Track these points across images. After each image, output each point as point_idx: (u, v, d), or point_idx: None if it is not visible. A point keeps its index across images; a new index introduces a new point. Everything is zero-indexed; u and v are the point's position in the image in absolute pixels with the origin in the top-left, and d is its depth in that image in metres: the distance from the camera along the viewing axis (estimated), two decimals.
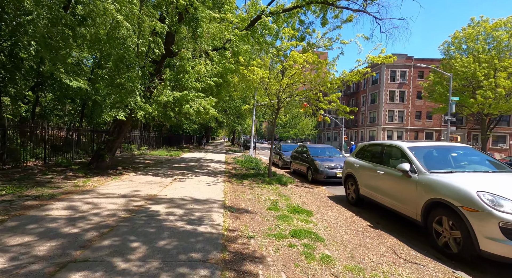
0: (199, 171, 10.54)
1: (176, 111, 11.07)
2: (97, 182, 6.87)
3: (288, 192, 7.44)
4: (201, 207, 5.05)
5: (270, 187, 7.94)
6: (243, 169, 12.40)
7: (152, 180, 7.74)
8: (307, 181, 10.11)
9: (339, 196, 7.55)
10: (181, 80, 8.38)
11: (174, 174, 9.24)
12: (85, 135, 13.22)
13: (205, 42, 8.99)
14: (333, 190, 8.67)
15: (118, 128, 9.05)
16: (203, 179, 8.52)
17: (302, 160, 11.04)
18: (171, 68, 8.76)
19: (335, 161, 9.92)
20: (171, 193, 6.13)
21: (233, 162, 16.07)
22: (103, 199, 5.16)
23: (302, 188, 8.36)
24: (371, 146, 6.25)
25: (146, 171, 9.60)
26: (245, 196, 6.53)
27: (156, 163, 12.50)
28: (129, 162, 11.91)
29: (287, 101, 9.46)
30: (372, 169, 5.63)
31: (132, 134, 18.36)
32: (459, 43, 25.17)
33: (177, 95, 7.92)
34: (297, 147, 13.20)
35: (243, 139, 38.03)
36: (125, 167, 9.96)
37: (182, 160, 15.31)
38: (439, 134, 39.77)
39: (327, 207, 6.08)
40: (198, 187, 7.10)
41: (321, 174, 9.34)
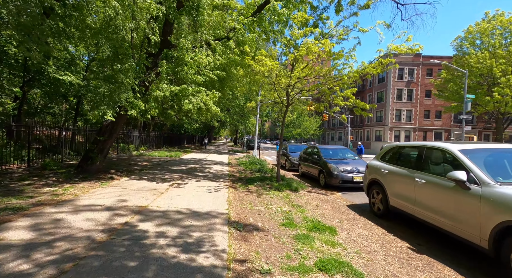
0: (200, 174, 9.61)
1: (176, 109, 10.15)
2: (81, 189, 5.96)
3: (301, 200, 6.48)
4: (201, 224, 4.11)
5: (280, 194, 6.99)
6: (247, 172, 11.46)
7: (146, 186, 6.82)
8: (319, 186, 9.14)
9: (360, 205, 6.57)
10: (179, 73, 7.46)
11: (172, 178, 8.32)
12: (80, 135, 12.38)
13: (207, 32, 8.05)
14: (350, 196, 7.69)
15: (110, 127, 8.15)
16: (204, 184, 7.59)
17: (313, 162, 10.07)
18: (169, 61, 7.84)
19: (351, 163, 8.93)
20: (166, 203, 5.19)
21: (236, 163, 15.14)
22: (81, 213, 4.24)
23: (315, 195, 7.40)
24: (404, 148, 5.26)
25: (141, 174, 8.69)
26: (253, 206, 5.58)
27: (154, 165, 11.59)
28: (124, 164, 11.01)
29: (298, 98, 8.49)
30: (407, 176, 4.65)
31: (130, 134, 17.51)
32: (473, 39, 23.98)
33: (175, 89, 7.00)
34: (306, 148, 12.22)
35: (246, 139, 37.10)
36: (119, 170, 9.06)
37: (182, 161, 14.41)
38: (449, 134, 38.49)
39: (351, 220, 5.11)
40: (198, 194, 6.16)
41: (336, 178, 8.37)
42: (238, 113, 26.15)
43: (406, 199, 4.62)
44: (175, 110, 10.49)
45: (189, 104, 7.02)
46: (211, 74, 7.57)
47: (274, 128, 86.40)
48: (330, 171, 8.57)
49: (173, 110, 10.29)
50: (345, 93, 8.32)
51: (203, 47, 7.76)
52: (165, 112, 10.41)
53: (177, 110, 10.12)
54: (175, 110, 10.49)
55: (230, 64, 7.66)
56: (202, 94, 6.97)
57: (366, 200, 7.20)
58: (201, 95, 7.02)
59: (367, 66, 7.46)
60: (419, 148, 4.70)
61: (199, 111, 7.69)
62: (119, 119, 8.31)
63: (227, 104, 24.63)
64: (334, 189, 8.55)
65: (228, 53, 7.58)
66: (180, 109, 9.59)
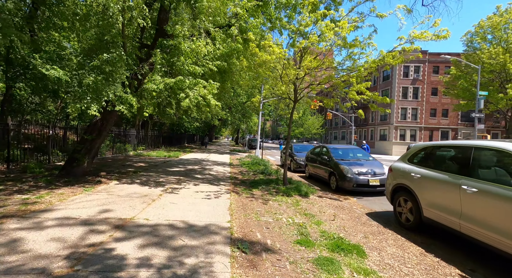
0: (199, 177, 8.79)
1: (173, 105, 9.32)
2: (60, 196, 5.15)
3: (314, 208, 5.65)
4: (197, 243, 3.28)
5: (288, 200, 6.16)
6: (250, 173, 10.64)
7: (136, 191, 6.00)
8: (330, 189, 8.29)
9: (381, 214, 5.72)
10: (175, 65, 6.64)
11: (168, 182, 7.50)
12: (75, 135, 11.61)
13: (206, 19, 7.22)
14: (367, 202, 6.85)
15: (99, 125, 7.35)
16: (203, 189, 6.77)
17: (322, 163, 9.22)
18: (164, 50, 7.02)
19: (366, 165, 8.08)
20: (157, 214, 4.37)
21: (238, 163, 14.32)
22: (48, 230, 3.43)
23: (328, 201, 6.56)
24: (440, 148, 4.42)
25: (133, 177, 7.88)
26: (259, 216, 4.75)
27: (150, 166, 10.79)
28: (117, 165, 10.21)
29: (307, 92, 7.64)
30: (449, 183, 3.80)
31: (127, 133, 16.73)
32: (484, 33, 23.00)
33: (170, 82, 6.18)
34: (313, 148, 11.37)
35: (247, 138, 36.29)
36: (110, 172, 8.26)
37: (181, 162, 13.59)
38: (456, 133, 37.52)
39: (376, 234, 4.27)
40: (195, 202, 5.34)
41: (349, 181, 7.52)
42: (240, 112, 25.31)
43: (448, 211, 3.77)
44: (172, 108, 9.66)
45: (185, 98, 6.19)
46: (210, 65, 6.74)
47: (276, 127, 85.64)
48: (343, 173, 7.73)
49: (171, 107, 9.48)
50: (358, 87, 7.48)
51: (202, 36, 6.93)
52: (162, 109, 9.60)
53: (175, 107, 9.31)
54: (172, 108, 9.66)
55: (232, 54, 6.83)
56: (200, 87, 6.14)
57: (386, 207, 6.37)
58: (199, 88, 6.19)
59: (386, 56, 6.60)
60: (464, 148, 3.85)
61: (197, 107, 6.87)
62: (109, 116, 7.51)
63: (228, 102, 23.81)
64: (347, 193, 7.71)
65: (230, 41, 6.75)
66: (178, 106, 8.76)
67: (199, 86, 6.15)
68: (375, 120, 42.81)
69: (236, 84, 8.76)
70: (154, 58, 6.50)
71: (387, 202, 7.10)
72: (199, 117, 20.86)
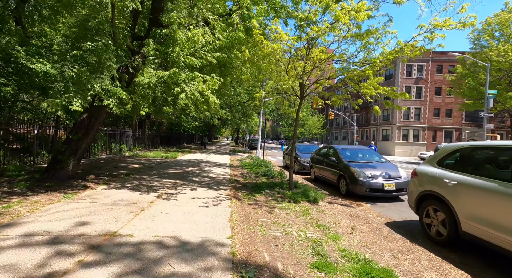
0: (196, 180, 8.09)
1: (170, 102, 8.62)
2: (33, 205, 4.45)
3: (326, 217, 4.96)
4: (190, 270, 2.59)
5: (296, 208, 5.47)
6: (252, 176, 9.95)
7: (125, 198, 5.30)
8: (339, 194, 7.61)
9: (402, 224, 5.03)
10: (170, 56, 5.95)
11: (162, 186, 6.81)
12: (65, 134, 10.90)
13: (204, 7, 6.53)
14: (382, 209, 6.16)
15: (86, 123, 6.66)
16: (200, 194, 6.07)
17: (330, 165, 8.53)
18: (158, 41, 6.33)
19: (379, 167, 7.39)
20: (144, 227, 3.68)
21: (239, 165, 13.63)
22: (1, 253, 2.73)
23: (340, 208, 5.87)
24: (481, 150, 3.72)
25: (125, 181, 7.18)
26: (265, 229, 4.06)
27: (145, 168, 10.09)
28: (110, 167, 9.51)
29: (315, 87, 6.97)
30: (497, 192, 3.12)
31: (123, 133, 16.03)
32: (491, 31, 22.34)
33: (163, 75, 5.48)
34: (319, 148, 10.69)
35: (248, 138, 35.62)
36: (100, 175, 7.56)
37: (178, 163, 12.89)
38: (460, 133, 36.86)
39: (405, 252, 3.58)
40: (191, 211, 4.64)
41: (362, 185, 6.83)
42: (240, 111, 24.60)
43: (496, 226, 3.09)
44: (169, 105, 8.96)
45: (181, 93, 5.50)
46: (209, 57, 6.04)
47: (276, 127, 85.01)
48: (354, 176, 7.04)
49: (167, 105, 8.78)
50: (372, 81, 6.81)
51: (200, 24, 6.25)
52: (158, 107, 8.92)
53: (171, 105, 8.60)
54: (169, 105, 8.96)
55: (233, 44, 6.14)
56: (198, 81, 5.44)
57: (405, 215, 5.70)
58: (197, 82, 5.50)
59: (404, 46, 5.90)
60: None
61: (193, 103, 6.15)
62: (98, 113, 6.82)
63: (228, 101, 23.12)
64: (359, 199, 7.02)
65: (231, 30, 6.06)
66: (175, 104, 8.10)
67: (197, 79, 5.45)
68: (377, 120, 42.15)
69: (237, 80, 8.05)
70: (146, 49, 5.81)
71: (405, 208, 6.43)
72: (197, 116, 20.17)
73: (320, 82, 7.33)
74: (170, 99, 7.84)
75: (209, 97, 5.58)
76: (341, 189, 7.64)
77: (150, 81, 5.54)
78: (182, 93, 5.52)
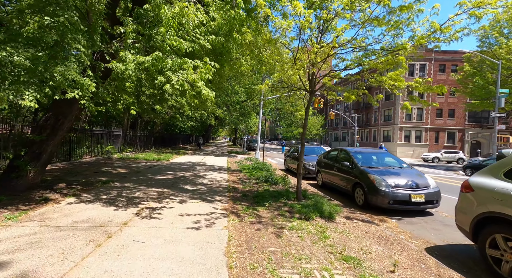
0: (188, 188, 6.95)
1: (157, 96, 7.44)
2: None
3: (351, 243, 3.85)
4: None
5: (310, 227, 4.36)
6: (252, 181, 8.82)
7: (92, 216, 4.14)
8: (355, 204, 6.53)
9: (447, 250, 3.94)
10: (154, 39, 4.81)
11: (146, 198, 5.65)
12: None
13: None
14: (411, 226, 5.07)
15: (52, 121, 5.49)
16: (190, 210, 4.93)
17: (342, 170, 7.44)
18: (140, 22, 5.19)
19: (403, 174, 6.30)
20: (101, 273, 2.53)
21: (237, 168, 12.50)
22: None
23: (361, 225, 4.78)
24: None
25: (101, 191, 6.00)
26: (275, 267, 2.94)
27: (131, 173, 8.91)
28: (89, 173, 8.31)
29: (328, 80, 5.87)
30: None
31: (111, 133, 14.81)
32: (500, 28, 21.47)
33: (144, 60, 4.35)
34: (327, 151, 9.60)
35: (246, 139, 34.49)
36: (72, 183, 6.38)
37: (170, 166, 11.72)
38: (462, 134, 36.08)
39: None
40: (175, 237, 3.50)
41: (384, 196, 5.73)
42: (238, 111, 23.45)
43: None
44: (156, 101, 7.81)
45: (166, 84, 4.36)
46: (202, 40, 4.91)
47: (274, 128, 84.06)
48: (374, 185, 5.94)
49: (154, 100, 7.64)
50: (390, 75, 5.75)
51: (191, 1, 5.11)
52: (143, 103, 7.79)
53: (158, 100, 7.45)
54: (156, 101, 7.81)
55: (232, 26, 5.02)
56: (188, 68, 4.30)
57: (442, 234, 4.63)
58: (186, 68, 4.36)
59: (439, 28, 4.82)
60: None
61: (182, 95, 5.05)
62: (68, 109, 5.65)
63: (226, 100, 21.98)
64: (380, 211, 5.94)
65: (229, 8, 4.93)
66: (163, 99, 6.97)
67: (186, 65, 4.32)
68: (378, 121, 41.27)
69: (235, 72, 6.92)
70: (124, 29, 4.66)
71: (438, 225, 5.34)
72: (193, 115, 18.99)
73: (332, 74, 6.24)
74: (158, 93, 6.69)
75: (202, 89, 4.45)
76: (357, 199, 6.54)
77: (127, 69, 4.40)
78: (167, 84, 4.38)
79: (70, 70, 4.20)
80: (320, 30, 5.34)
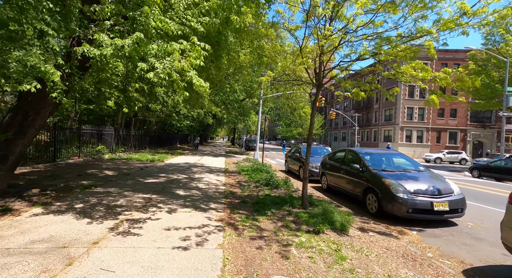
0: (180, 194, 6.21)
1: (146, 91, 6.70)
2: None
3: (373, 265, 3.14)
4: None
5: (322, 245, 3.65)
6: (252, 185, 8.11)
7: (55, 233, 3.40)
8: (365, 211, 5.83)
9: (488, 273, 3.24)
10: (137, 21, 4.07)
11: (129, 206, 4.91)
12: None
13: None
14: (436, 240, 4.37)
15: (20, 117, 4.74)
16: (180, 221, 4.21)
17: (350, 173, 6.74)
18: (122, 2, 4.45)
19: (421, 179, 5.60)
20: None
21: (235, 170, 11.78)
22: None
23: (380, 240, 4.08)
24: None
25: (77, 198, 5.25)
26: None
27: (119, 176, 8.15)
28: (71, 176, 7.55)
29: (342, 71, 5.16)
30: None
31: (102, 132, 14.03)
32: (507, 25, 20.86)
33: (124, 44, 3.62)
34: (332, 152, 8.89)
35: (244, 139, 33.77)
36: (48, 189, 5.63)
37: (164, 168, 10.97)
38: (464, 134, 35.55)
39: None
40: (155, 263, 2.78)
41: (402, 204, 5.03)
42: (237, 110, 22.70)
43: None
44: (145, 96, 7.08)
45: (149, 72, 3.63)
46: (194, 23, 4.18)
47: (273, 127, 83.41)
48: (390, 191, 5.24)
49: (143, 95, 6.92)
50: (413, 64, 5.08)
51: None
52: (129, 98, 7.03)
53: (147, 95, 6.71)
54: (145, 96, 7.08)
55: (229, 6, 4.29)
56: (173, 51, 3.58)
57: (476, 251, 3.92)
58: (174, 55, 3.63)
59: (469, 11, 4.12)
60: None
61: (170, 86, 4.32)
62: (39, 104, 4.90)
63: (224, 98, 21.23)
64: (397, 221, 5.24)
65: None
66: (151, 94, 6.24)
67: (171, 48, 3.59)
68: (378, 120, 40.70)
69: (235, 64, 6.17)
70: (100, 8, 3.92)
71: (468, 238, 4.61)
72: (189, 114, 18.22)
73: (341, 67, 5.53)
74: (146, 88, 5.95)
75: (192, 78, 3.72)
76: (369, 206, 5.83)
77: (102, 54, 3.66)
78: (150, 72, 3.65)
79: (31, 55, 3.46)
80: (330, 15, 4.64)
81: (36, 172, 7.70)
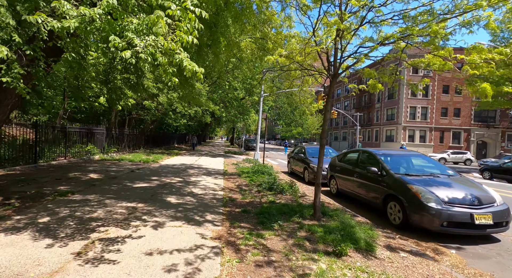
0: (172, 202, 5.36)
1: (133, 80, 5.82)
2: None
3: None
4: None
5: (346, 271, 2.84)
6: (253, 189, 7.28)
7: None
8: (388, 223, 5.00)
9: None
10: None
11: (106, 220, 4.06)
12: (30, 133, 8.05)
13: None
14: (482, 262, 3.56)
15: None
16: (166, 241, 3.36)
17: (366, 177, 5.91)
18: None
19: (456, 186, 4.77)
20: None
21: (235, 171, 10.94)
22: None
23: (416, 262, 3.26)
24: None
25: (46, 208, 4.38)
26: None
27: (104, 180, 7.28)
28: (49, 179, 6.67)
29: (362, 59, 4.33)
30: None
31: (93, 132, 13.13)
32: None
33: (93, 14, 2.77)
34: (343, 153, 8.05)
35: (244, 139, 32.92)
36: (12, 197, 4.77)
37: (157, 170, 10.11)
38: (468, 134, 34.86)
39: None
40: None
41: (435, 216, 4.20)
42: (236, 109, 21.84)
43: None
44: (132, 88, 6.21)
45: (125, 50, 2.79)
46: None
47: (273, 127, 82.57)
48: (419, 200, 4.41)
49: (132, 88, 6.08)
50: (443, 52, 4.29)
51: None
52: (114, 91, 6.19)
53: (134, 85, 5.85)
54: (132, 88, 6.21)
55: None
56: (156, 21, 2.74)
57: None
58: (157, 27, 2.79)
59: None
60: None
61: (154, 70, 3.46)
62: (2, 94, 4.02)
63: (223, 96, 20.37)
64: (424, 234, 4.42)
65: None
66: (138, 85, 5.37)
67: (155, 18, 2.74)
68: (380, 120, 39.97)
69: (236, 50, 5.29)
70: None
71: None
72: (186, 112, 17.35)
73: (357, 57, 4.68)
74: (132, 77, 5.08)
75: (183, 60, 2.87)
76: (391, 216, 5.00)
77: (64, 27, 2.81)
78: (126, 51, 2.81)
79: None
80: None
81: (10, 175, 6.83)
